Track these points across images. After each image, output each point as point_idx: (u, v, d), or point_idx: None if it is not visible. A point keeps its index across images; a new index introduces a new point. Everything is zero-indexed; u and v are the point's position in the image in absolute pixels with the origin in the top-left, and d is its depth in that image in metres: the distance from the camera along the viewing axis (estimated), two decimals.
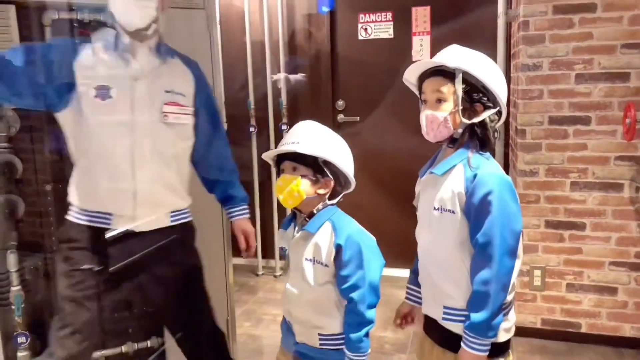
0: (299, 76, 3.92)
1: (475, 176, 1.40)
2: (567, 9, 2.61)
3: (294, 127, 1.62)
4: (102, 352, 1.99)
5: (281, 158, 1.59)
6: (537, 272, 2.83)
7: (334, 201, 1.60)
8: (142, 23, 1.81)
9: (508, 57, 3.12)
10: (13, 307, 2.39)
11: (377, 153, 3.78)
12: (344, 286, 1.51)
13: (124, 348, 2.45)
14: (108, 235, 1.85)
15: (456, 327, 1.47)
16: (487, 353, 1.40)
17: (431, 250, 1.52)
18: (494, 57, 2.81)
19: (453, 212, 1.43)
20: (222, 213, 2.48)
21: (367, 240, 1.55)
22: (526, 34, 2.69)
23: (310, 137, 1.54)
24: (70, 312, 1.85)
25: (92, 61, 1.79)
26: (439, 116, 1.44)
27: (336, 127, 3.90)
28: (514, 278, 1.43)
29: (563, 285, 2.82)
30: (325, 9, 3.78)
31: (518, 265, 1.44)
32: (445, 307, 1.48)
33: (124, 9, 1.78)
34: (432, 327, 1.56)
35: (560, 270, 2.80)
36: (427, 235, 1.53)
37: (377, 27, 3.70)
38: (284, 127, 3.83)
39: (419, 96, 1.53)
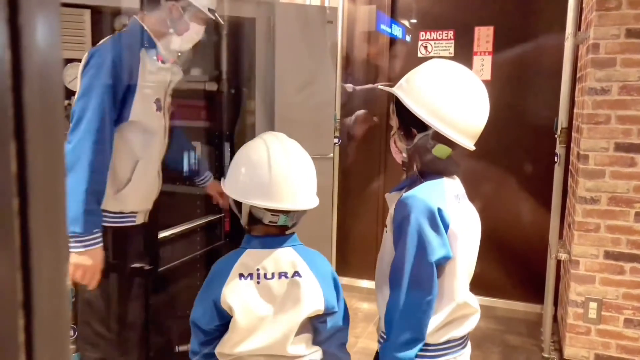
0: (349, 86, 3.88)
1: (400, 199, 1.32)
2: None
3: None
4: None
5: None
6: (593, 304, 2.72)
7: None
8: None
9: (573, 81, 3.04)
10: None
11: None
12: None
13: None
14: None
15: None
16: None
17: (378, 269, 1.45)
18: (558, 80, 2.74)
19: (387, 232, 1.37)
20: None
21: None
22: (595, 57, 2.61)
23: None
24: None
25: (149, 73, 1.88)
26: (391, 141, 1.44)
27: (387, 143, 3.87)
28: (441, 318, 1.30)
29: (621, 320, 2.69)
30: (385, 28, 3.78)
31: (447, 306, 1.30)
32: (381, 331, 1.37)
33: (192, 34, 1.92)
34: None
35: (618, 303, 2.68)
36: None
37: (437, 45, 3.67)
38: (335, 140, 3.82)
39: None
